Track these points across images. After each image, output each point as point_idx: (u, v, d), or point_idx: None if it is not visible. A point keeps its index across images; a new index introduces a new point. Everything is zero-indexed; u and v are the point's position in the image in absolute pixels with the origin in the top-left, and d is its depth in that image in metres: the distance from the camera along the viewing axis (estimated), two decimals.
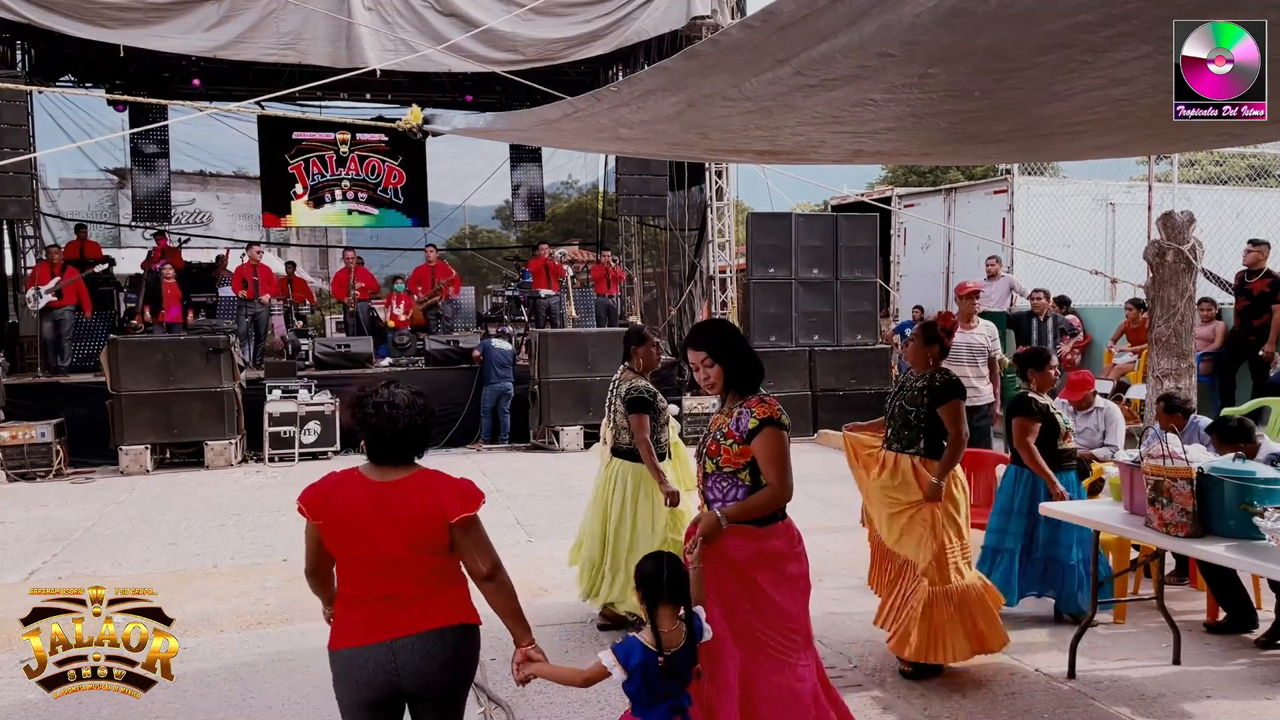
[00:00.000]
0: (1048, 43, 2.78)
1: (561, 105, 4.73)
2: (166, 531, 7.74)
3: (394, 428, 2.68)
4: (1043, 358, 5.46)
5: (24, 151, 10.74)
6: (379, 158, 17.22)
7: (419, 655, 2.65)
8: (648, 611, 2.85)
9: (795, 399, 12.34)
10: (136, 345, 10.86)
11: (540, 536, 7.33)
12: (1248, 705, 4.20)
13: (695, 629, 2.92)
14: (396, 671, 2.65)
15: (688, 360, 3.39)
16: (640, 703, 2.87)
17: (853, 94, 3.53)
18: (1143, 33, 2.62)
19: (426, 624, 2.66)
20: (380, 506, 2.65)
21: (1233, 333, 9.87)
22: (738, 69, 3.38)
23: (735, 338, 3.40)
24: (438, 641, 2.66)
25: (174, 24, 11.60)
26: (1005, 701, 4.27)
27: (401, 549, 2.64)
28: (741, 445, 3.18)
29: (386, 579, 2.67)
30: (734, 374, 3.30)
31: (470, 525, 2.67)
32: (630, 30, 12.84)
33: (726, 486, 3.23)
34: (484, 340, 12.38)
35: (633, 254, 18.84)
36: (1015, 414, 5.30)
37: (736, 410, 3.26)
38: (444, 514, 2.64)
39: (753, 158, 6.39)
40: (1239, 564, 3.86)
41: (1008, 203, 13.90)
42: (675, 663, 2.84)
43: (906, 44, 2.85)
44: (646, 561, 2.93)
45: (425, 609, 2.67)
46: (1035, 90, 3.32)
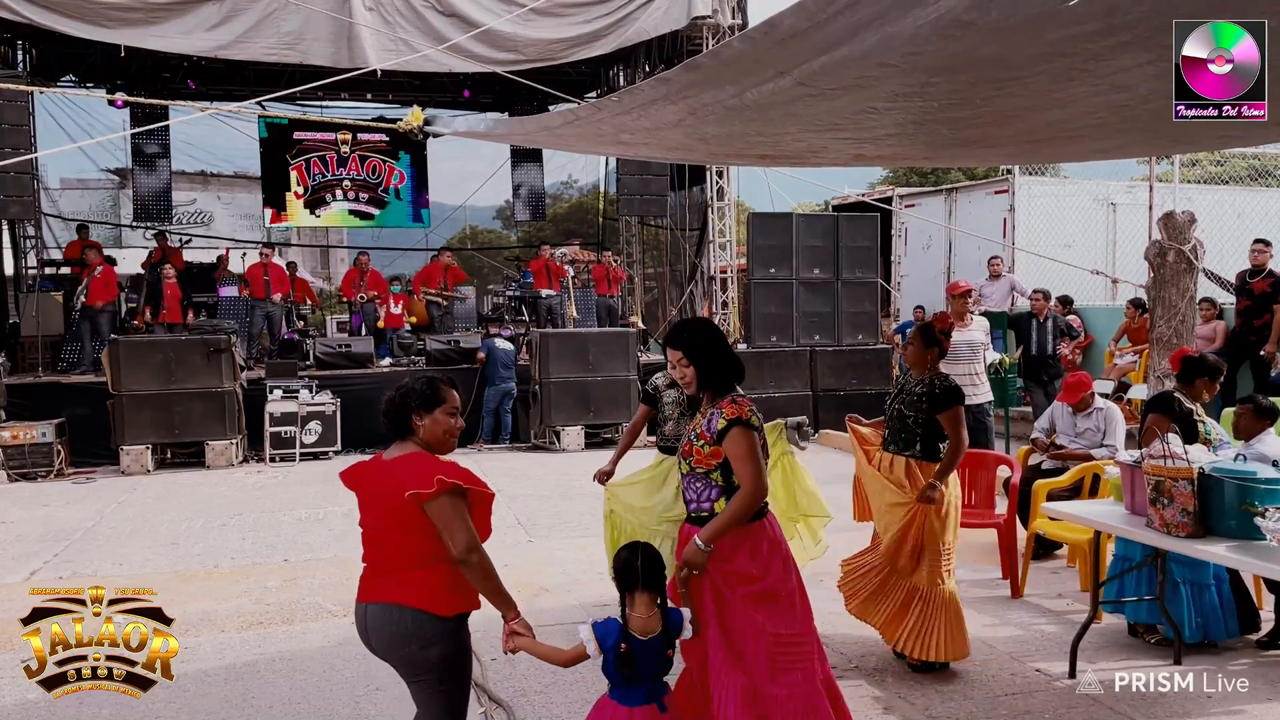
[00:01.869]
0: (1049, 52, 2.78)
1: (564, 113, 4.76)
2: (167, 531, 7.75)
3: (382, 407, 2.97)
4: (1216, 371, 5.14)
5: (25, 151, 10.74)
6: (380, 158, 17.22)
7: (375, 623, 2.85)
8: (623, 598, 2.97)
9: (796, 399, 12.34)
10: (138, 345, 10.86)
11: (541, 536, 7.32)
12: (1249, 706, 4.19)
13: (673, 623, 3.01)
14: (366, 631, 2.89)
15: (668, 361, 3.40)
16: (616, 684, 2.98)
17: (854, 103, 3.53)
18: (1143, 40, 2.62)
19: (383, 597, 2.83)
20: (374, 481, 2.89)
21: (1234, 333, 9.87)
22: (739, 80, 3.38)
23: (713, 337, 3.35)
24: (387, 615, 2.81)
25: (175, 24, 11.63)
26: (1006, 702, 4.27)
27: (378, 520, 2.87)
28: (712, 446, 3.16)
29: (371, 547, 2.92)
30: (709, 374, 3.27)
31: (436, 505, 2.74)
32: (631, 30, 12.85)
33: (700, 487, 3.23)
34: (487, 340, 12.38)
35: (634, 254, 18.85)
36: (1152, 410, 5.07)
37: (709, 411, 3.25)
38: (401, 487, 2.75)
39: (754, 161, 6.41)
40: (1240, 564, 3.86)
41: (1009, 203, 13.91)
42: (646, 649, 2.93)
43: (908, 55, 2.85)
44: (623, 550, 3.04)
45: (390, 583, 2.83)
46: (1036, 98, 3.33)
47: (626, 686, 2.96)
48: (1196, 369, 5.10)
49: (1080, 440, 6.41)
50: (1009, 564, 5.80)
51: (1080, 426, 6.43)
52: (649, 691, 2.96)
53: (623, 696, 2.97)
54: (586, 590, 5.76)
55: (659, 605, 2.99)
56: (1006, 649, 4.86)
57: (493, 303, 16.27)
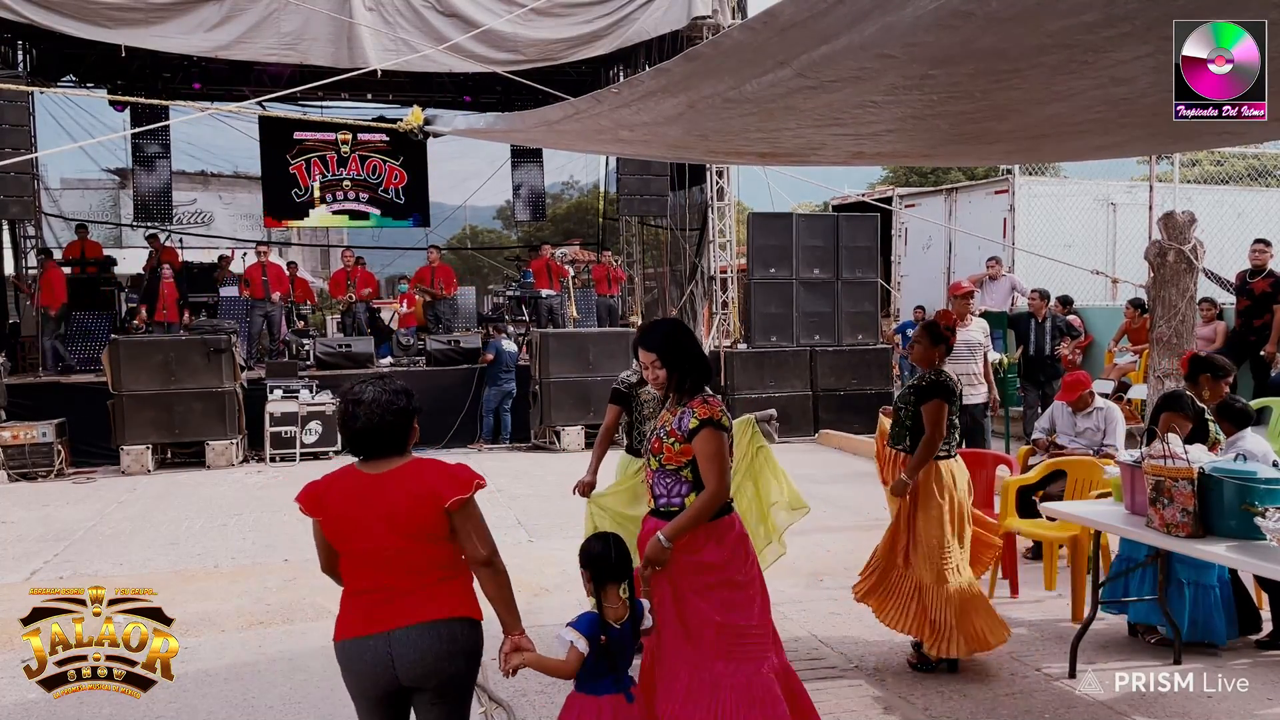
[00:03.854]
0: (1048, 43, 2.78)
1: (563, 106, 4.72)
2: (168, 531, 7.75)
3: (352, 426, 2.71)
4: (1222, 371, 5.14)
5: (26, 152, 10.75)
6: (380, 158, 17.23)
7: (413, 648, 2.64)
8: (595, 590, 3.04)
9: (796, 399, 12.35)
10: (138, 345, 10.88)
11: (541, 536, 7.33)
12: (1249, 706, 4.20)
13: (638, 611, 3.10)
14: (392, 664, 2.65)
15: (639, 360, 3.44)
16: (585, 675, 3.01)
17: (853, 96, 3.53)
18: (1143, 33, 2.62)
19: (421, 616, 2.66)
20: (372, 498, 2.68)
21: (1234, 333, 9.87)
22: (738, 70, 3.38)
23: (685, 339, 3.39)
24: (432, 634, 2.65)
25: (175, 24, 11.63)
26: (1006, 701, 4.27)
27: (396, 539, 2.66)
28: (683, 444, 3.23)
29: (382, 570, 2.68)
30: (681, 377, 3.32)
31: (466, 508, 2.67)
32: (631, 30, 12.85)
33: (670, 483, 3.29)
34: (494, 341, 12.38)
35: (634, 254, 18.85)
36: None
37: (680, 410, 3.31)
38: (438, 498, 2.64)
39: (753, 159, 6.39)
40: (1240, 564, 3.86)
41: (1009, 203, 13.90)
42: (622, 636, 3.03)
43: (907, 45, 2.85)
44: (594, 542, 3.11)
45: (421, 600, 2.68)
46: (1035, 90, 3.32)
47: (604, 677, 3.00)
48: (1201, 367, 5.13)
49: (1080, 440, 6.40)
50: (1008, 564, 5.80)
51: (1080, 426, 6.42)
52: (615, 680, 3.00)
53: (591, 688, 3.02)
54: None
55: (627, 593, 3.08)
56: (1006, 649, 4.86)
57: (493, 303, 16.28)
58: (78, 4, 11.11)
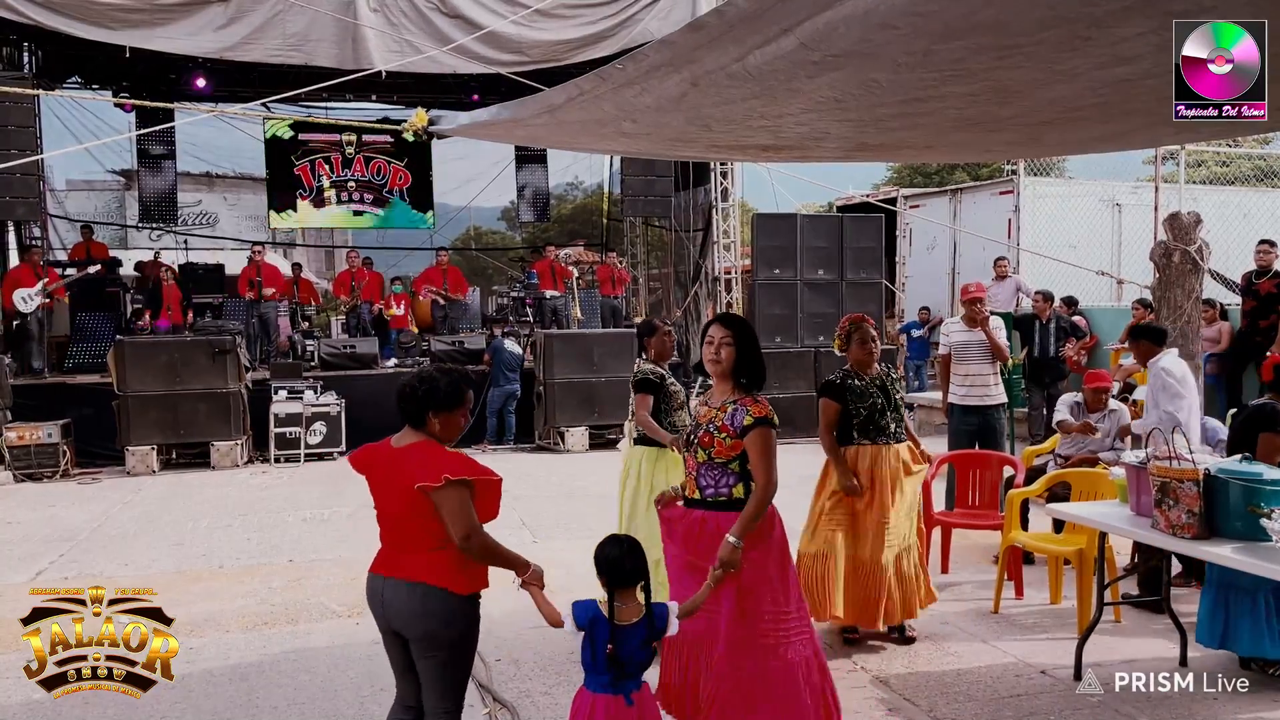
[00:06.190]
0: (1049, 16, 2.74)
1: (566, 88, 4.69)
2: (172, 532, 7.76)
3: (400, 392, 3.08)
4: None
5: (31, 153, 10.78)
6: (385, 159, 17.24)
7: (396, 598, 2.98)
8: (609, 592, 3.07)
9: (800, 400, 12.32)
10: (143, 346, 10.89)
11: (546, 537, 7.33)
12: (1255, 707, 4.18)
13: (658, 619, 3.07)
14: (384, 604, 3.02)
15: (707, 337, 3.60)
16: (586, 667, 3.06)
17: (856, 74, 3.51)
18: (1143, 7, 2.59)
19: (404, 574, 2.98)
20: (388, 468, 3.01)
21: (1239, 334, 9.84)
22: (743, 40, 3.36)
23: (756, 337, 3.68)
24: (410, 592, 2.96)
25: (180, 25, 11.66)
26: (1011, 703, 4.26)
27: (398, 506, 2.98)
28: (735, 439, 3.42)
29: (393, 529, 3.04)
30: (743, 364, 3.53)
31: (442, 493, 2.87)
32: (635, 31, 12.86)
33: (718, 475, 3.47)
34: (495, 341, 12.38)
35: (638, 255, 18.85)
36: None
37: (731, 406, 3.48)
38: (410, 479, 2.89)
39: (756, 154, 6.35)
40: (1246, 565, 3.84)
41: (1013, 203, 13.87)
42: (630, 638, 3.00)
43: (910, 16, 2.84)
44: (609, 545, 3.14)
45: (410, 562, 2.98)
46: (1037, 70, 3.30)
47: (601, 675, 3.02)
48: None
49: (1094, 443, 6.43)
50: (1014, 565, 5.79)
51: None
52: (613, 680, 3.00)
53: (591, 683, 3.06)
54: (591, 591, 5.69)
55: (642, 594, 3.08)
56: (1011, 650, 4.86)
57: (497, 303, 16.29)
58: (83, 5, 11.14)
